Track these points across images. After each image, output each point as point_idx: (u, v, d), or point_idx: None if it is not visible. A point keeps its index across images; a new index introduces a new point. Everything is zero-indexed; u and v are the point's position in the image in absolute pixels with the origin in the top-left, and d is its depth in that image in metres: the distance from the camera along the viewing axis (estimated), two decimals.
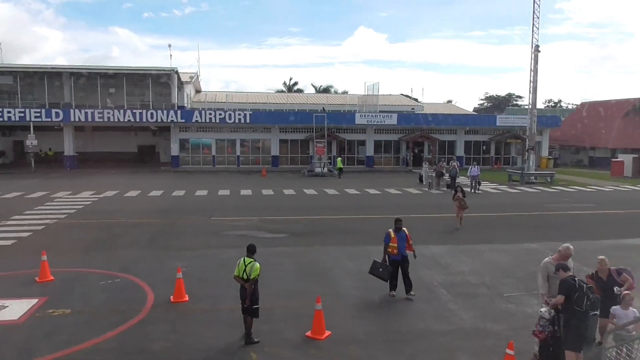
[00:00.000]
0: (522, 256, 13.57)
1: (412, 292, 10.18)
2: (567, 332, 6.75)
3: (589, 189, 30.20)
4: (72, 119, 38.73)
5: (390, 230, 10.30)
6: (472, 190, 27.00)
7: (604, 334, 7.15)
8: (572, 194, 28.19)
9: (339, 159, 38.39)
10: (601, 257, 7.79)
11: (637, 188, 30.92)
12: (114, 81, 42.66)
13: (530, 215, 20.83)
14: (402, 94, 64.90)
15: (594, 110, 52.08)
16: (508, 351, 6.70)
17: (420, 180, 31.51)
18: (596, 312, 6.86)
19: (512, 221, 19.23)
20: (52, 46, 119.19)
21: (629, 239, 15.78)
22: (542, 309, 7.19)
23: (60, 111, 38.90)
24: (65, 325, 8.64)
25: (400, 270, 10.22)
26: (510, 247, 14.82)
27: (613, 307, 7.01)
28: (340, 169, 36.42)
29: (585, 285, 6.69)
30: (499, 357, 7.30)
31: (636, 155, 39.64)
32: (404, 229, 10.28)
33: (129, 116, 39.16)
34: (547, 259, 7.77)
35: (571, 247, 7.62)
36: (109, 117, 38.92)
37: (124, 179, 32.26)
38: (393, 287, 10.21)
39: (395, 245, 10.10)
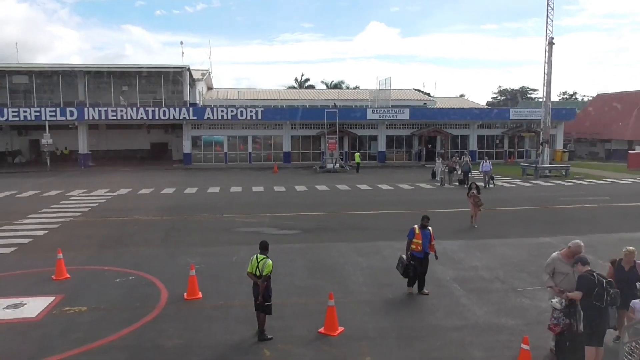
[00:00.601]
0: (536, 250, 13.43)
1: (425, 290, 10.11)
2: (588, 327, 6.66)
3: (605, 182, 29.74)
4: (86, 118, 39.19)
5: (415, 226, 10.16)
6: (486, 186, 26.45)
7: (622, 327, 7.04)
8: (587, 187, 27.79)
9: (357, 154, 38.68)
10: (630, 248, 7.53)
11: None
12: (127, 79, 42.99)
13: (545, 209, 20.59)
14: (414, 89, 64.46)
15: (609, 102, 51.26)
16: (523, 346, 6.64)
17: (433, 176, 30.85)
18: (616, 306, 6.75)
19: (526, 215, 19.02)
20: (67, 45, 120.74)
21: None
22: (553, 300, 7.10)
23: (74, 110, 39.37)
24: (81, 322, 8.77)
25: (419, 268, 10.07)
26: (524, 242, 14.68)
27: (634, 300, 6.89)
28: (358, 164, 36.85)
29: (604, 280, 6.58)
30: (513, 353, 7.25)
31: None
32: (429, 227, 10.15)
33: (141, 114, 39.49)
34: (555, 254, 7.65)
35: (581, 243, 7.43)
36: (122, 115, 39.30)
37: (137, 177, 32.55)
38: (412, 283, 10.14)
39: (420, 241, 9.97)
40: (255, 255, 8.11)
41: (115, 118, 39.40)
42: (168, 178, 32.22)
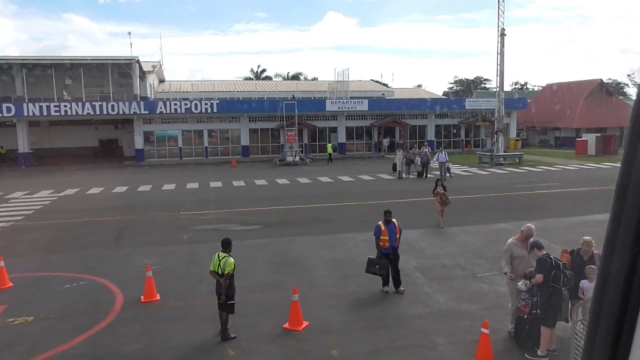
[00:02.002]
0: (494, 236, 13.92)
1: (401, 288, 9.90)
2: (546, 309, 6.98)
3: (555, 168, 31.14)
4: (26, 114, 37.25)
5: (380, 222, 9.97)
6: (442, 178, 25.09)
7: (574, 308, 7.41)
8: (539, 173, 29.01)
9: (329, 145, 39.50)
10: (587, 238, 7.67)
11: (600, 166, 32.06)
12: (70, 72, 41.16)
13: (501, 196, 21.35)
14: (372, 80, 65.11)
15: (558, 91, 53.55)
16: (483, 330, 6.89)
17: (394, 168, 29.35)
18: (569, 288, 7.10)
19: (483, 203, 19.66)
20: (1, 36, 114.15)
21: (595, 214, 16.36)
22: (519, 283, 7.39)
23: (12, 106, 37.31)
24: (28, 333, 8.34)
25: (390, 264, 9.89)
26: (482, 228, 15.17)
27: (582, 281, 7.25)
28: (330, 155, 37.99)
29: (560, 263, 6.94)
30: (474, 337, 7.49)
31: (599, 135, 41.10)
32: (394, 220, 10.00)
33: (88, 109, 37.97)
34: (510, 239, 7.98)
35: (532, 226, 7.87)
36: (66, 111, 37.62)
37: (85, 176, 31.39)
38: (386, 281, 9.89)
39: (387, 238, 9.80)
40: (217, 254, 8.00)
41: (58, 114, 37.68)
42: (119, 176, 31.28)
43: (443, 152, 27.47)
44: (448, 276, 10.83)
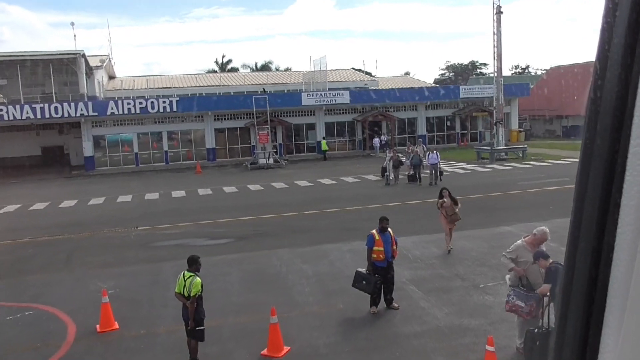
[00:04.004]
0: (497, 241, 14.12)
1: (394, 304, 9.90)
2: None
3: (563, 162, 31.75)
4: None
5: (373, 231, 9.91)
6: (433, 182, 24.70)
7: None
8: (546, 168, 29.57)
9: (324, 141, 40.74)
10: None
11: None
12: (5, 70, 40.61)
13: (503, 195, 21.72)
14: (353, 69, 65.51)
15: (563, 75, 54.53)
16: (488, 347, 7.02)
17: (383, 173, 27.03)
18: None
19: (483, 203, 19.95)
20: None
21: None
22: (507, 276, 7.62)
23: None
24: None
25: (384, 279, 9.81)
26: (484, 233, 15.42)
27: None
28: (325, 151, 40.18)
29: None
30: (478, 356, 7.63)
31: None
32: (389, 229, 9.99)
33: (27, 112, 37.37)
34: (519, 241, 8.11)
35: (547, 230, 7.91)
36: (1, 115, 37.00)
37: (27, 189, 30.94)
38: (374, 302, 9.75)
39: (381, 249, 9.71)
40: (183, 273, 8.00)
41: None
42: (67, 188, 30.95)
43: (435, 152, 25.82)
44: (446, 288, 10.99)
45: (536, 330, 7.43)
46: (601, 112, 0.84)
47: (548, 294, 7.16)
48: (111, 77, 55.03)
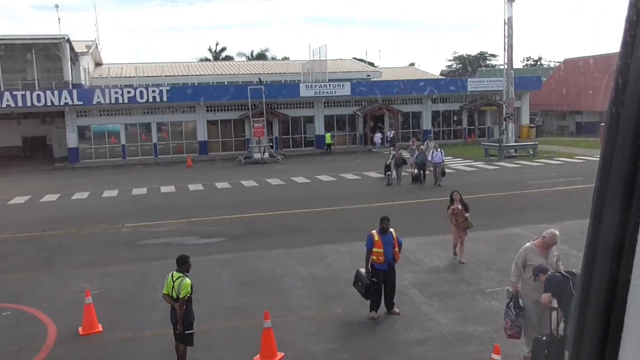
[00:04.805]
0: (504, 244, 14.18)
1: (396, 309, 9.93)
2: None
3: (577, 160, 31.82)
4: None
5: (373, 232, 9.92)
6: (437, 184, 24.02)
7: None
8: (558, 167, 29.61)
9: (328, 134, 41.04)
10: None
11: None
12: None
13: (512, 195, 21.76)
14: (354, 59, 65.47)
15: (578, 67, 54.51)
16: (494, 356, 7.03)
17: (387, 173, 25.64)
18: None
19: (491, 203, 19.96)
20: None
21: None
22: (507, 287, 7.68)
23: None
24: None
25: (384, 283, 9.81)
26: (490, 234, 15.43)
27: None
28: (330, 145, 40.74)
29: (570, 277, 7.11)
30: None
31: None
32: (391, 230, 9.98)
33: (7, 100, 37.32)
34: (527, 244, 8.13)
35: (557, 232, 7.93)
36: None
37: (6, 182, 30.87)
38: (375, 306, 9.76)
39: (381, 250, 9.70)
40: (171, 274, 8.00)
41: None
42: (49, 181, 30.95)
43: (439, 150, 24.95)
44: (451, 293, 11.00)
45: (544, 338, 7.46)
46: (621, 127, 0.83)
47: (555, 305, 7.21)
48: (98, 64, 54.94)
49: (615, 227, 0.84)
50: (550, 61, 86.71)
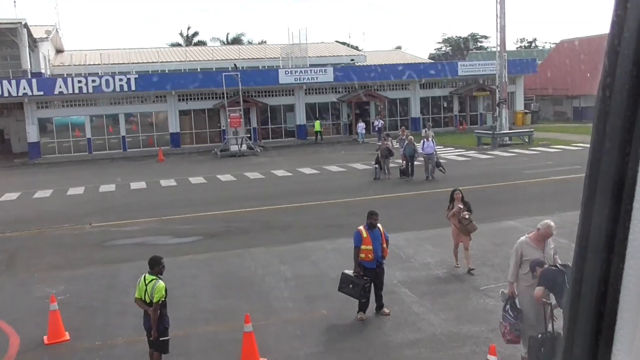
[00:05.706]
0: (499, 237, 14.33)
1: (385, 310, 9.98)
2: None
3: (574, 148, 32.13)
4: None
5: (360, 228, 9.94)
6: (428, 176, 23.60)
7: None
8: (555, 155, 29.97)
9: (317, 121, 41.53)
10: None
11: None
12: None
13: (507, 185, 21.98)
14: (337, 42, 65.44)
15: (575, 49, 54.94)
16: (490, 357, 7.13)
17: (377, 166, 25.04)
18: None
19: (484, 195, 20.10)
20: None
21: None
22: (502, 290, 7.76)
23: None
24: None
25: (373, 282, 9.83)
26: (484, 228, 15.45)
27: None
28: (319, 132, 41.33)
29: (564, 271, 7.23)
30: None
31: None
32: (379, 225, 10.02)
33: None
34: (522, 238, 8.24)
35: (552, 223, 8.07)
36: None
37: None
38: (363, 307, 9.78)
39: (370, 247, 9.71)
40: (143, 276, 7.97)
41: None
42: (8, 179, 30.57)
43: (431, 139, 24.15)
44: (443, 291, 11.10)
45: (539, 336, 7.57)
46: (611, 112, 0.85)
47: (550, 301, 7.32)
48: (59, 51, 54.34)
49: (606, 216, 0.86)
50: (545, 42, 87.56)
